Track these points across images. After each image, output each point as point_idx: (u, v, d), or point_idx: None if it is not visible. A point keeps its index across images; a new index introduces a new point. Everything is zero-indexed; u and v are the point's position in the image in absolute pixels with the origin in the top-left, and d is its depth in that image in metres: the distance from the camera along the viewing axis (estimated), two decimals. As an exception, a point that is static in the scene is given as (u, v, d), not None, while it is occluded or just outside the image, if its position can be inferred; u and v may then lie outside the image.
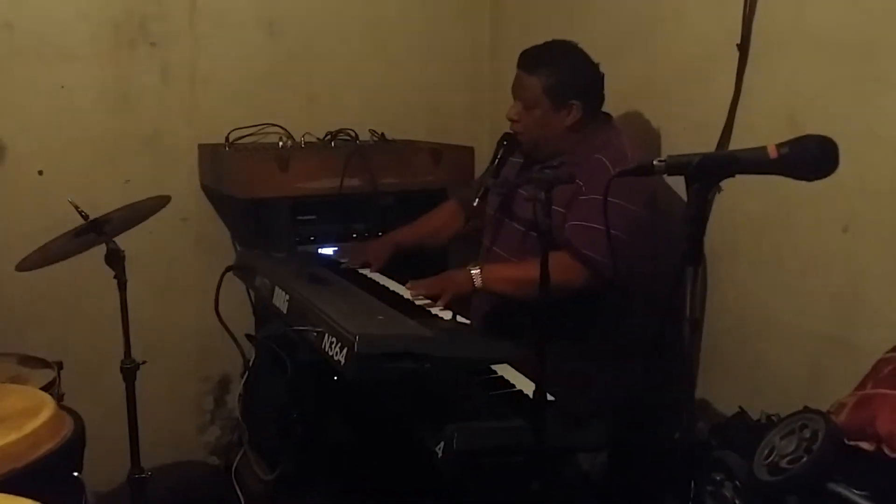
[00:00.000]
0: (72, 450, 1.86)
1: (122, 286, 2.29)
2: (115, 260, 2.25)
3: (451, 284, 2.29)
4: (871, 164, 2.02)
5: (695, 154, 1.36)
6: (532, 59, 2.39)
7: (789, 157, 1.31)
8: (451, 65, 3.42)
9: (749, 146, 1.41)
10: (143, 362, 2.38)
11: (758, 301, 2.36)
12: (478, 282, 2.29)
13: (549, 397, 1.79)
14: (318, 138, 3.10)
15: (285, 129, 3.08)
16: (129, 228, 2.31)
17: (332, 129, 3.10)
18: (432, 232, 2.78)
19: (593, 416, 1.92)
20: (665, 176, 1.53)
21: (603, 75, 2.42)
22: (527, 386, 1.95)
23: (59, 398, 2.21)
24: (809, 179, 1.33)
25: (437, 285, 2.29)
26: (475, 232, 2.61)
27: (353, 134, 3.09)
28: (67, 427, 1.89)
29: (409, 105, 3.36)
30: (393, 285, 2.52)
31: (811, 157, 1.32)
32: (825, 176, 1.33)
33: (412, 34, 3.33)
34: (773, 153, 1.31)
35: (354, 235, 2.95)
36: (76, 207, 2.24)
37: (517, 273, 2.26)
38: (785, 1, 2.22)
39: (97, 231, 2.23)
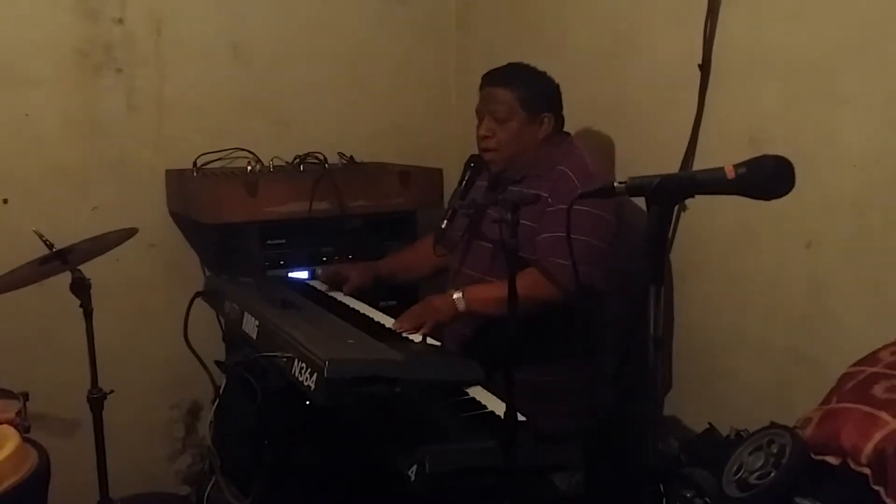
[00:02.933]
0: (36, 484, 1.83)
1: (88, 315, 2.28)
2: (81, 288, 2.24)
3: (433, 312, 2.27)
4: (832, 180, 2.06)
5: (654, 175, 1.37)
6: (502, 75, 2.42)
7: (746, 177, 1.33)
8: (418, 88, 3.43)
9: (713, 164, 1.43)
10: (111, 391, 2.37)
11: (724, 317, 2.38)
12: (461, 305, 2.28)
13: (521, 417, 1.79)
14: (286, 162, 3.10)
15: (253, 154, 3.08)
16: (95, 257, 2.30)
17: (301, 153, 3.10)
18: (411, 265, 2.79)
19: (565, 436, 1.93)
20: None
21: (561, 95, 2.45)
22: (499, 407, 1.95)
23: (25, 430, 2.18)
24: (767, 199, 1.35)
25: (419, 315, 2.28)
26: (445, 256, 2.60)
27: (321, 157, 3.09)
28: (31, 460, 1.86)
29: (377, 128, 3.36)
30: (363, 308, 2.52)
31: (768, 177, 1.34)
32: (782, 195, 1.35)
33: (380, 58, 3.35)
34: (730, 174, 1.33)
35: (325, 259, 2.94)
36: (41, 237, 2.23)
37: (499, 293, 2.25)
38: (744, 22, 2.26)
39: (62, 260, 2.22)
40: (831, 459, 1.62)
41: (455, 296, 2.29)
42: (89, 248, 2.29)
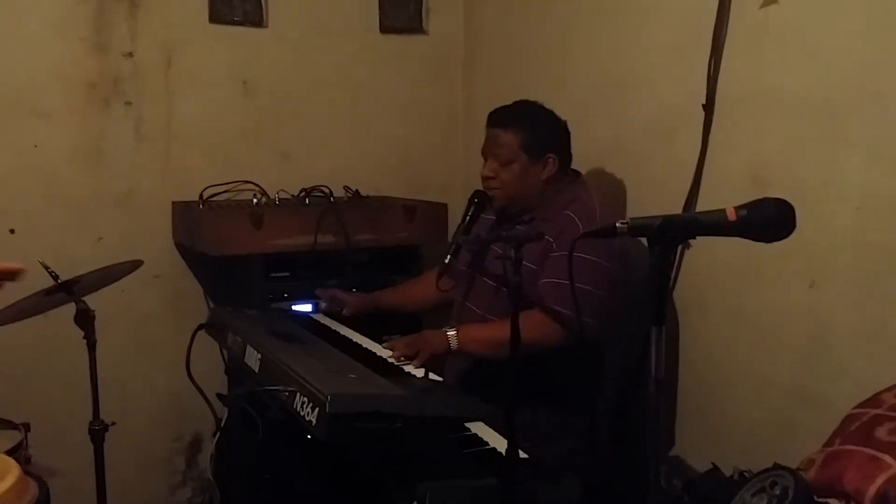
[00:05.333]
0: (36, 516, 1.83)
1: (92, 346, 2.28)
2: (85, 320, 2.25)
3: (427, 345, 2.30)
4: (835, 221, 2.06)
5: (656, 216, 1.38)
6: (506, 116, 2.43)
7: (748, 219, 1.33)
8: (424, 122, 3.46)
9: (717, 202, 1.43)
10: (113, 423, 2.36)
11: (728, 355, 2.37)
12: (454, 343, 2.30)
13: (522, 454, 1.78)
14: (292, 195, 3.12)
15: (259, 187, 3.10)
16: (100, 289, 2.31)
17: (307, 186, 3.12)
18: (414, 298, 2.81)
19: (566, 473, 1.92)
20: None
21: (569, 133, 2.46)
22: (500, 443, 1.95)
23: (26, 461, 2.18)
24: (768, 241, 1.35)
25: (413, 345, 2.31)
26: (449, 290, 2.61)
27: (327, 191, 3.11)
28: (32, 493, 1.85)
29: (383, 162, 3.39)
30: (366, 342, 2.52)
31: (769, 220, 1.34)
32: (783, 238, 1.35)
33: (386, 93, 3.38)
34: (731, 216, 1.34)
35: (328, 291, 2.95)
36: (47, 268, 2.24)
37: (492, 333, 2.27)
38: (748, 62, 2.28)
39: (67, 291, 2.23)
40: (834, 502, 1.61)
41: (449, 333, 2.32)
42: (94, 279, 2.30)
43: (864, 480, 1.57)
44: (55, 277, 2.24)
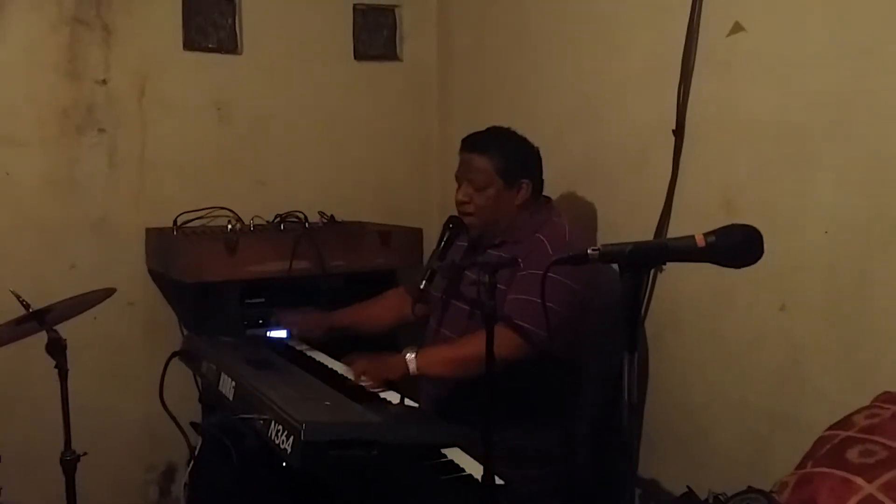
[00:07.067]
0: (5, 550, 1.80)
1: (63, 375, 2.26)
2: (57, 349, 2.23)
3: (384, 369, 2.31)
4: (804, 244, 2.09)
5: (627, 243, 1.40)
6: (481, 142, 2.44)
7: (716, 245, 1.35)
8: (399, 148, 3.47)
9: (688, 226, 1.45)
10: (84, 454, 2.33)
11: (701, 377, 2.39)
12: (412, 367, 2.30)
13: (499, 481, 1.78)
14: (267, 221, 3.11)
15: (234, 213, 3.09)
16: (72, 317, 2.29)
17: (281, 212, 3.12)
18: (373, 317, 2.79)
19: (543, 499, 1.92)
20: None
21: (542, 159, 2.48)
22: (476, 470, 1.94)
23: (-4, 493, 2.15)
24: (737, 266, 1.37)
25: (370, 368, 2.31)
26: (423, 316, 2.61)
27: (301, 216, 3.11)
28: (2, 526, 1.83)
29: (357, 187, 3.39)
30: (341, 368, 2.52)
31: (737, 246, 1.36)
32: (750, 264, 1.37)
33: (361, 119, 3.39)
34: (700, 242, 1.35)
35: (303, 317, 2.94)
36: (18, 297, 2.22)
37: (450, 354, 2.28)
38: (717, 88, 2.31)
39: (38, 320, 2.21)
40: (808, 524, 1.62)
41: (408, 356, 2.31)
42: (67, 308, 2.28)
43: (837, 502, 1.58)
44: (26, 306, 2.23)
